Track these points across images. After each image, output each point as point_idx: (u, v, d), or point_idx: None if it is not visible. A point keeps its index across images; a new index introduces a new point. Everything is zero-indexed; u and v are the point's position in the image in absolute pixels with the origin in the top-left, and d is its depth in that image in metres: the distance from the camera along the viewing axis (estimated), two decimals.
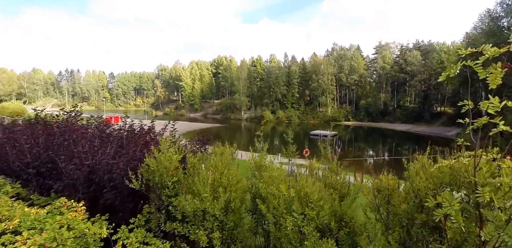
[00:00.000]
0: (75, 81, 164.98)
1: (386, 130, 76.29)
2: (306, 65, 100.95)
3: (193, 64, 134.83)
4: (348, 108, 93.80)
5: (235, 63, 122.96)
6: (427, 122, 76.90)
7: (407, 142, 60.91)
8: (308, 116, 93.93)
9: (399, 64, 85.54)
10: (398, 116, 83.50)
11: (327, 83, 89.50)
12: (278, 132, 75.95)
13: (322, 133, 58.99)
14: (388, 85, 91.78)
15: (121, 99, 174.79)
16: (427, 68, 79.01)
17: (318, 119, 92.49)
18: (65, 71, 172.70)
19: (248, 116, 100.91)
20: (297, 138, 60.25)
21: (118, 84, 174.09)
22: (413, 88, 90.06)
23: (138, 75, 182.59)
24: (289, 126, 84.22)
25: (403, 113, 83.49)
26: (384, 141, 63.44)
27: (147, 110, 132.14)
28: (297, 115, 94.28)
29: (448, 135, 65.02)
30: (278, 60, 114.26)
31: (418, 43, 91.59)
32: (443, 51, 79.17)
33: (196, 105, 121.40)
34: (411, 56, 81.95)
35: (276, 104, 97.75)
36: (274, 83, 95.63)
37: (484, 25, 55.23)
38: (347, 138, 64.98)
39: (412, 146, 55.57)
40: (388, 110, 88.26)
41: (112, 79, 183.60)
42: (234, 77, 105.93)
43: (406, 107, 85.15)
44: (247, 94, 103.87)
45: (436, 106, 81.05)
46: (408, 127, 75.95)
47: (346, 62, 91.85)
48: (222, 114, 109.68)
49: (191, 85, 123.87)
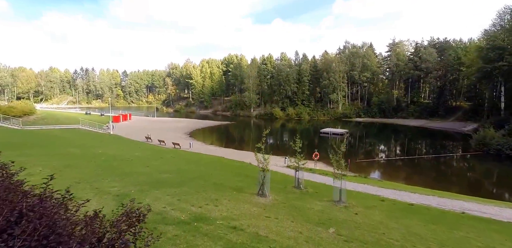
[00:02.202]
0: (89, 79, 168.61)
1: (399, 126, 74.66)
2: (317, 63, 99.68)
3: (203, 63, 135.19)
4: (359, 105, 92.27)
5: (246, 61, 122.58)
6: (441, 117, 75.04)
7: (421, 138, 59.30)
8: (318, 113, 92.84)
9: (414, 61, 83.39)
10: (411, 112, 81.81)
11: (339, 81, 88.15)
12: (288, 129, 75.41)
13: (333, 131, 58.05)
14: (402, 82, 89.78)
15: (133, 96, 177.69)
16: (443, 64, 76.65)
17: (328, 116, 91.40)
18: (80, 69, 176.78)
19: (258, 113, 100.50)
20: (307, 136, 59.74)
21: (131, 82, 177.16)
22: (427, 84, 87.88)
23: (150, 73, 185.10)
24: (299, 123, 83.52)
25: (416, 109, 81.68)
26: (396, 137, 61.93)
27: (158, 107, 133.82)
28: (307, 112, 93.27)
29: (464, 130, 63.04)
30: (289, 58, 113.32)
31: (433, 40, 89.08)
32: (460, 48, 76.72)
33: (206, 102, 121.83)
34: (426, 53, 79.78)
35: (286, 101, 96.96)
36: (285, 80, 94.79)
37: (503, 22, 54.34)
38: (358, 134, 63.76)
39: (427, 142, 54.16)
40: (401, 106, 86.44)
41: (125, 77, 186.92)
42: (244, 75, 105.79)
43: (420, 103, 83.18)
44: (256, 92, 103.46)
45: (451, 101, 78.67)
46: (422, 123, 74.28)
47: (358, 60, 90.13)
48: (232, 111, 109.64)
49: (201, 82, 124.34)
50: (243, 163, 26.83)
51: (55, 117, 56.75)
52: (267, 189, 11.47)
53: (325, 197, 12.98)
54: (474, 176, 31.11)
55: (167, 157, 25.20)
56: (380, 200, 14.51)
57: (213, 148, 39.17)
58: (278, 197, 11.78)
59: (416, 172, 30.86)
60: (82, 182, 11.92)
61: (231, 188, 12.75)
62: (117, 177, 13.69)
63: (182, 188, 11.94)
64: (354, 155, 38.42)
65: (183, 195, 10.54)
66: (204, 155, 31.05)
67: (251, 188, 12.67)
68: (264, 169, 11.51)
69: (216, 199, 10.15)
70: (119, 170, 16.10)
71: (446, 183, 25.58)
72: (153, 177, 14.57)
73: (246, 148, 43.05)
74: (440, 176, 29.63)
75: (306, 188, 14.44)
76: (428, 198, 16.72)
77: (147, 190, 11.22)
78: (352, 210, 11.06)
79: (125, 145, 32.33)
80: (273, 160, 29.70)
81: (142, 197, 9.61)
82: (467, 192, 21.75)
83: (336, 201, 12.05)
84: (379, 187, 19.10)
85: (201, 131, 61.72)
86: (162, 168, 18.39)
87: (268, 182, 11.57)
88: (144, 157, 22.99)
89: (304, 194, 13.46)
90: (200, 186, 12.60)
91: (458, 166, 35.74)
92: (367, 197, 15.47)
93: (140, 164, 19.02)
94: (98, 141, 33.45)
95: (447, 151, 44.39)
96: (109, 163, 18.35)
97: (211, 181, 14.38)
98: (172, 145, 37.15)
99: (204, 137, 53.73)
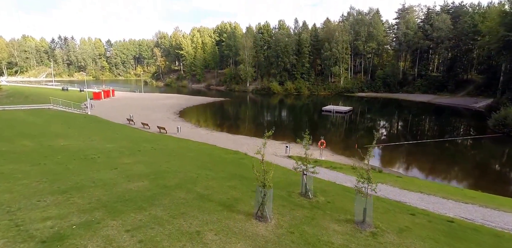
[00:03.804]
0: (69, 49, 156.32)
1: (403, 101, 70.15)
2: (318, 32, 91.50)
3: (194, 31, 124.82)
4: (363, 79, 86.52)
5: (240, 30, 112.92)
6: (450, 92, 70.34)
7: (426, 115, 54.47)
8: (319, 88, 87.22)
9: (424, 29, 76.28)
10: (418, 86, 76.74)
11: (341, 52, 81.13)
12: (286, 105, 70.11)
13: (336, 109, 53.05)
14: (409, 53, 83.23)
15: (120, 68, 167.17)
16: (456, 33, 69.79)
17: (329, 91, 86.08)
18: (58, 38, 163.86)
19: (254, 88, 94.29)
20: (307, 114, 54.82)
21: (116, 53, 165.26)
22: (437, 56, 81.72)
23: (137, 43, 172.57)
24: (298, 99, 78.18)
25: (424, 82, 76.49)
26: (402, 113, 57.30)
27: (147, 81, 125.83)
28: (306, 87, 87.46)
29: (475, 106, 58.67)
30: (288, 27, 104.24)
31: (446, 5, 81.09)
32: (477, 13, 69.42)
33: (198, 76, 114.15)
34: (439, 20, 72.37)
35: (285, 75, 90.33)
36: (283, 52, 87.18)
37: None
38: (359, 110, 58.89)
39: (437, 120, 49.47)
40: (407, 80, 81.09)
41: (110, 47, 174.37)
42: (239, 46, 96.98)
43: (428, 76, 77.62)
44: (253, 64, 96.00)
45: (462, 74, 73.07)
46: (429, 98, 69.73)
47: (364, 28, 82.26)
48: (226, 85, 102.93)
49: (192, 54, 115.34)
50: (238, 154, 22.30)
51: (24, 94, 49.82)
52: (268, 210, 8.41)
53: (342, 211, 10.06)
54: (506, 167, 26.69)
55: (146, 149, 20.14)
56: (410, 214, 10.91)
57: (204, 132, 34.03)
58: (283, 218, 8.80)
59: (434, 160, 26.14)
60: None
61: (220, 204, 9.54)
62: (61, 196, 9.32)
63: (152, 210, 8.54)
64: (360, 138, 33.86)
65: (151, 227, 7.28)
66: (193, 143, 26.10)
67: (246, 202, 9.83)
68: (264, 184, 8.10)
69: (198, 233, 7.16)
70: (72, 179, 11.23)
71: (472, 176, 21.41)
72: (116, 191, 10.15)
73: (241, 130, 38.11)
74: (461, 164, 25.25)
75: (316, 196, 11.36)
76: (467, 208, 12.78)
77: (99, 221, 7.43)
78: (383, 241, 7.77)
79: (99, 132, 26.95)
80: (272, 148, 25.28)
81: (84, 241, 6.25)
82: (502, 190, 17.79)
83: (358, 222, 8.93)
84: (401, 189, 15.41)
85: (192, 109, 56.07)
86: (134, 170, 13.67)
87: (270, 201, 8.39)
88: (116, 151, 17.90)
89: (316, 209, 10.01)
90: (178, 205, 9.19)
91: (477, 151, 30.99)
92: (392, 207, 11.79)
93: (106, 165, 14.12)
94: (67, 127, 27.92)
95: (459, 133, 39.96)
96: (64, 167, 13.30)
97: (195, 192, 10.68)
98: (158, 130, 31.94)
99: (195, 117, 48.29)
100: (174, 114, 46.82)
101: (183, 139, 27.96)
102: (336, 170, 18.42)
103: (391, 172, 21.63)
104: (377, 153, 27.42)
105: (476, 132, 39.00)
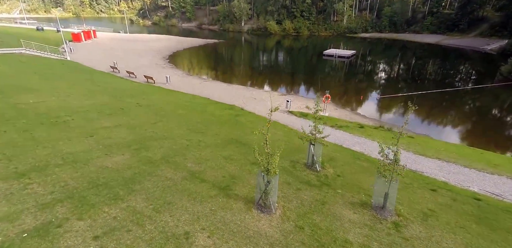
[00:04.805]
0: None
1: (408, 43, 65.34)
2: None
3: None
4: (368, 17, 79.27)
5: None
6: (461, 31, 65.10)
7: (431, 59, 50.46)
8: (319, 27, 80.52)
9: None
10: (427, 25, 70.85)
11: None
12: (284, 47, 65.06)
13: (339, 53, 49.07)
14: None
15: (102, 3, 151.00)
16: None
17: (331, 31, 79.77)
18: None
19: (250, 28, 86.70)
20: (306, 58, 50.92)
21: None
22: None
23: None
24: (297, 40, 72.45)
25: (434, 21, 70.35)
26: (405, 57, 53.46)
27: (132, 19, 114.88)
28: (306, 26, 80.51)
29: (486, 49, 54.66)
30: None
31: None
32: None
33: (188, 14, 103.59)
34: None
35: (283, 12, 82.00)
36: None
37: None
38: (360, 53, 54.86)
39: (441, 64, 46.00)
40: (416, 18, 74.38)
41: None
42: None
43: (439, 14, 70.70)
44: (248, 1, 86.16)
45: (478, 11, 66.24)
46: (437, 39, 64.92)
47: None
48: (219, 24, 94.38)
49: None
50: (234, 109, 20.41)
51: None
52: (272, 200, 7.16)
53: (354, 188, 8.97)
54: None
55: (130, 106, 17.96)
56: (431, 190, 9.68)
57: (197, 81, 31.26)
58: (289, 204, 7.57)
59: (445, 113, 24.31)
60: None
61: (214, 186, 8.20)
62: (17, 181, 7.66)
63: (131, 201, 7.07)
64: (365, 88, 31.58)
65: (127, 230, 5.91)
66: (184, 96, 23.80)
67: (245, 181, 8.65)
68: (268, 170, 6.63)
69: (187, 235, 5.92)
70: (35, 154, 9.43)
71: (489, 134, 19.85)
72: (88, 171, 8.54)
73: (237, 78, 35.28)
74: (475, 118, 23.54)
75: (324, 168, 10.20)
76: (493, 179, 11.39)
77: (60, 223, 5.97)
78: (408, 236, 6.67)
79: (78, 83, 24.15)
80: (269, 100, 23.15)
81: None
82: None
83: (377, 208, 7.75)
84: (416, 154, 13.68)
85: (183, 53, 51.56)
86: (114, 137, 11.83)
87: (275, 190, 7.05)
88: (94, 111, 15.67)
89: (325, 186, 8.87)
90: (164, 190, 7.76)
91: (493, 102, 28.46)
92: (409, 180, 10.37)
93: (80, 131, 12.15)
94: (39, 77, 24.90)
95: (468, 81, 37.34)
96: (28, 135, 11.20)
97: (184, 168, 9.26)
98: (145, 79, 29.10)
99: (187, 63, 44.49)
100: (163, 60, 42.93)
101: (173, 91, 25.51)
102: (342, 129, 16.79)
103: (399, 129, 20.06)
104: (381, 106, 25.54)
105: (485, 79, 36.49)
